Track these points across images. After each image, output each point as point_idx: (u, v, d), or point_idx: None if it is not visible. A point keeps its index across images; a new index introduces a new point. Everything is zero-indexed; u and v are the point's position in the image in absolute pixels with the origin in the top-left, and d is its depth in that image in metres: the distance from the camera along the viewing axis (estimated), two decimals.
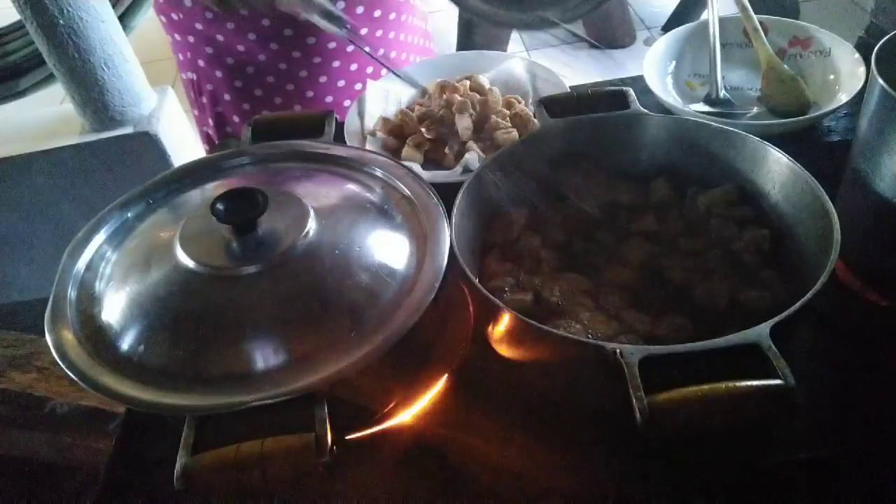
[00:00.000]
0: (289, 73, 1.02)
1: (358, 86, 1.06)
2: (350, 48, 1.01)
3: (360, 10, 0.99)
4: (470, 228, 0.61)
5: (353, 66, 1.04)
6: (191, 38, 1.02)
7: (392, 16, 1.04)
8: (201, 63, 1.04)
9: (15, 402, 0.64)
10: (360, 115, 0.90)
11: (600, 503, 0.55)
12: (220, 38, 0.99)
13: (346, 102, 1.07)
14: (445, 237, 0.55)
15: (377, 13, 1.01)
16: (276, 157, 0.67)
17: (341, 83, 1.05)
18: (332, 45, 1.00)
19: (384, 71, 1.08)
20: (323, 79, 1.04)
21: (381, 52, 1.06)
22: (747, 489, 0.54)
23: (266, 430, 0.44)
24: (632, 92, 0.70)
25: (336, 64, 1.03)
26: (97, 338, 0.51)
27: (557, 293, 0.60)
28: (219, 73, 1.04)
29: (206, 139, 1.17)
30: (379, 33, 1.04)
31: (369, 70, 1.06)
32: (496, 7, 0.61)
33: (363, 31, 1.02)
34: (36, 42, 1.44)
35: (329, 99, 1.06)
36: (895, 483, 0.54)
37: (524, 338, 0.56)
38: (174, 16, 1.01)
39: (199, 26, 0.99)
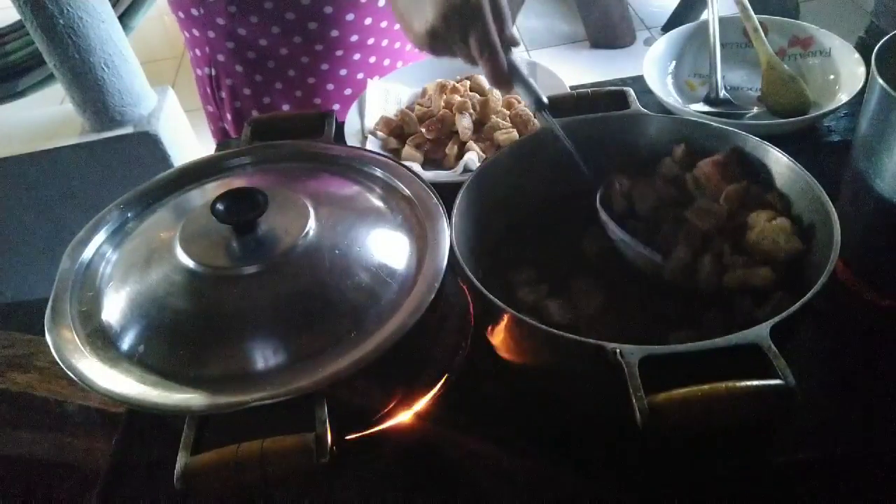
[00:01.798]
0: (310, 66, 1.02)
1: (376, 78, 1.06)
2: (371, 41, 1.02)
3: (367, 21, 1.00)
4: (470, 228, 0.61)
5: (372, 59, 1.04)
6: (210, 34, 1.02)
7: (397, 26, 1.04)
8: (221, 58, 1.04)
9: (15, 402, 0.64)
10: (361, 114, 0.90)
11: (600, 503, 0.55)
12: (242, 32, 0.99)
13: None
14: (445, 237, 0.55)
15: (384, 24, 1.02)
16: (276, 157, 0.67)
17: (360, 75, 1.05)
18: (355, 38, 1.00)
19: (399, 63, 1.08)
20: (343, 71, 1.04)
21: (398, 44, 1.06)
22: (748, 489, 0.54)
23: (266, 430, 0.44)
24: (632, 92, 0.70)
25: (356, 57, 1.03)
26: (97, 338, 0.51)
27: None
28: (239, 68, 1.04)
29: (223, 135, 1.17)
30: (398, 26, 1.04)
31: (386, 62, 1.06)
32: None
33: (370, 42, 1.02)
34: (36, 42, 1.44)
35: (348, 91, 1.06)
36: (895, 483, 0.54)
37: (524, 338, 0.56)
38: (194, 11, 1.00)
39: (220, 21, 0.99)
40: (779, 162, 0.61)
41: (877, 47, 0.59)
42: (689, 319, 0.57)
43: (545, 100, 0.65)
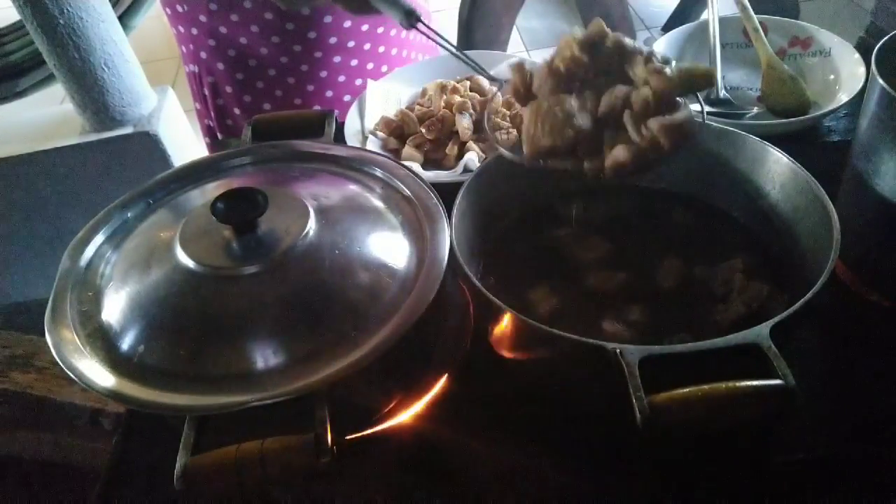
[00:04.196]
0: (290, 66, 1.02)
1: (358, 81, 1.06)
2: (351, 43, 1.02)
3: (347, 24, 1.00)
4: (470, 228, 0.61)
5: (354, 62, 1.04)
6: (194, 31, 1.03)
7: (381, 29, 1.05)
8: (204, 55, 1.05)
9: (15, 402, 0.64)
10: (360, 115, 0.90)
11: (600, 503, 0.55)
12: (223, 30, 1.00)
13: (347, 97, 1.07)
14: (445, 237, 0.55)
15: (365, 27, 1.02)
16: (276, 157, 0.67)
17: (342, 78, 1.05)
18: (334, 40, 1.01)
19: (384, 68, 1.08)
20: (323, 73, 1.04)
21: (382, 49, 1.06)
22: (747, 489, 0.54)
23: (266, 430, 0.44)
24: None
25: (337, 59, 1.03)
26: (97, 338, 0.51)
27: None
28: (221, 66, 1.04)
29: (208, 132, 1.18)
30: (381, 30, 1.04)
31: (370, 66, 1.06)
32: None
33: (350, 45, 1.02)
34: (36, 42, 1.44)
35: (329, 94, 1.06)
36: (895, 483, 0.54)
37: (524, 337, 0.56)
38: (179, 8, 1.01)
39: (202, 18, 0.99)
40: (779, 162, 0.61)
41: (877, 47, 0.59)
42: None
43: (416, 11, 0.65)
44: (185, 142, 1.66)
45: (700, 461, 0.55)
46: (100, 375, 0.48)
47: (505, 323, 0.55)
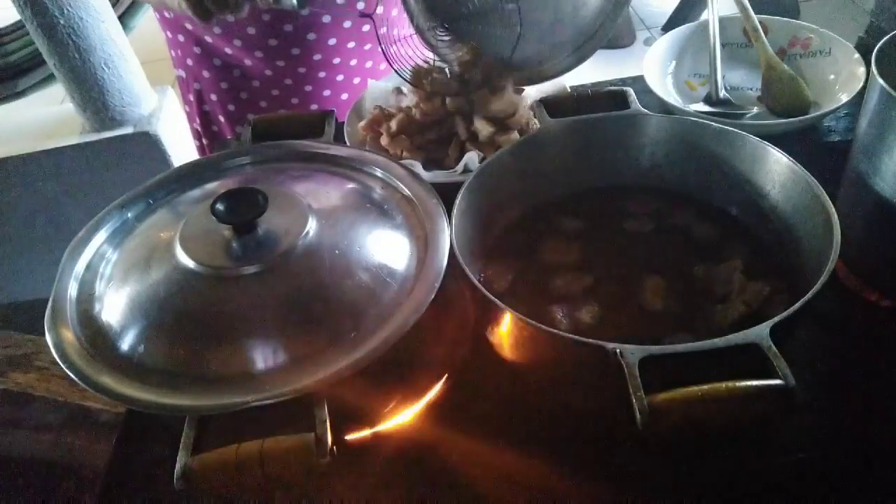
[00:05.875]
0: (274, 79, 1.02)
1: (344, 95, 1.06)
2: (336, 60, 1.02)
3: (332, 41, 1.00)
4: (470, 228, 0.61)
5: (340, 77, 1.04)
6: (181, 37, 1.03)
7: (367, 46, 1.05)
8: (190, 62, 1.05)
9: (15, 402, 0.64)
10: (361, 115, 0.90)
11: (600, 503, 0.55)
12: (208, 39, 1.00)
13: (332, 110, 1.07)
14: (445, 237, 0.55)
15: (351, 44, 1.02)
16: (276, 157, 0.67)
17: (327, 93, 1.05)
18: (318, 56, 1.00)
19: (370, 82, 1.07)
20: (308, 87, 1.04)
21: (369, 63, 1.06)
22: (747, 489, 0.54)
23: (266, 430, 0.44)
24: (632, 92, 0.70)
25: (322, 74, 1.03)
26: (97, 338, 0.51)
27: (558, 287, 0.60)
28: (206, 73, 1.05)
29: (196, 135, 1.18)
30: (367, 46, 1.04)
31: (356, 81, 1.06)
32: None
33: (335, 61, 1.02)
34: (36, 42, 1.44)
35: (314, 107, 1.06)
36: (895, 483, 0.54)
37: (524, 338, 0.56)
38: (167, 13, 1.01)
39: (188, 26, 1.00)
40: (779, 162, 0.61)
41: (877, 47, 0.59)
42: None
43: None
44: (185, 142, 1.66)
45: (700, 461, 0.55)
46: (100, 375, 0.48)
47: (505, 323, 0.55)
